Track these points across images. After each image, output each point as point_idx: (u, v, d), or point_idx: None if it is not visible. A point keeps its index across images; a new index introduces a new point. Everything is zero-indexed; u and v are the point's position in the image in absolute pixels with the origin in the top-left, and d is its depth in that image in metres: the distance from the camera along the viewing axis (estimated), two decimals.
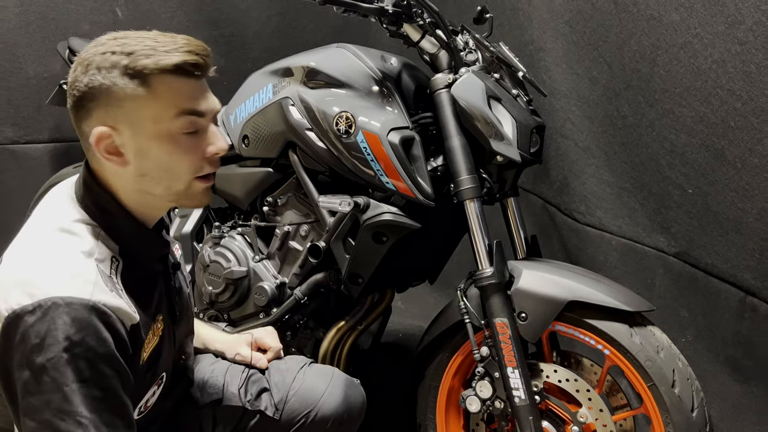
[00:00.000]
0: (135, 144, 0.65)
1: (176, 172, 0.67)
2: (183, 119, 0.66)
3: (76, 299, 0.59)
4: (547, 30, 1.35)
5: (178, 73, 0.64)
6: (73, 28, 1.84)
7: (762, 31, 0.90)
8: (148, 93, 0.64)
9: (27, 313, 0.58)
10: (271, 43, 2.01)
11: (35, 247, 0.65)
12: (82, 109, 0.65)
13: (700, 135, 1.04)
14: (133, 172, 0.67)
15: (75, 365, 0.58)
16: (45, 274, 0.61)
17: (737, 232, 1.00)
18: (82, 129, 0.67)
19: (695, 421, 0.88)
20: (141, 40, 0.65)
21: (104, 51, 0.64)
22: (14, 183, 1.90)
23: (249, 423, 0.88)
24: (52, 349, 0.57)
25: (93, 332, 0.59)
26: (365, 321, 1.21)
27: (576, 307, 0.93)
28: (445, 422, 1.09)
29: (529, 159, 1.00)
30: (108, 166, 0.67)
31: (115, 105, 0.64)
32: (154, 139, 0.65)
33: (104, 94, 0.64)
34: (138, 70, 0.63)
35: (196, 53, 0.66)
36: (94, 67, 0.63)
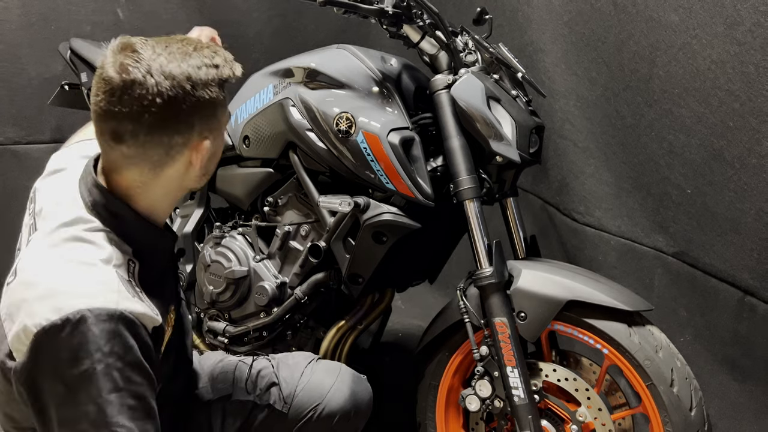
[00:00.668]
0: (213, 147, 0.72)
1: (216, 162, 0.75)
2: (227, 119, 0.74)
3: (103, 310, 0.60)
4: (546, 31, 1.36)
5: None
6: (75, 29, 1.85)
7: (760, 32, 0.91)
8: (224, 99, 0.72)
9: (56, 328, 0.59)
10: (271, 44, 2.02)
11: (52, 258, 0.65)
12: (184, 122, 0.67)
13: (699, 135, 1.04)
14: (196, 174, 0.73)
15: (108, 376, 0.59)
16: (69, 287, 0.62)
17: (736, 232, 1.00)
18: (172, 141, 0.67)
19: (694, 420, 0.88)
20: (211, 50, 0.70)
21: (199, 65, 0.67)
22: (16, 183, 1.91)
23: (258, 417, 0.89)
24: (85, 362, 0.58)
25: (121, 342, 0.60)
26: (365, 320, 1.21)
27: (575, 306, 0.93)
28: (444, 421, 1.10)
29: (529, 159, 1.01)
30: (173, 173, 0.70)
31: (213, 115, 0.70)
32: (220, 138, 0.74)
33: (209, 105, 0.69)
34: (224, 79, 0.70)
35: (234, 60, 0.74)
36: (198, 79, 0.67)
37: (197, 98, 0.67)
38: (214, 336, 1.25)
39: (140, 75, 0.64)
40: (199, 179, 0.73)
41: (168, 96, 0.65)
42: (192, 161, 0.70)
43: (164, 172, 0.70)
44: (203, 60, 0.68)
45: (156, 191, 0.71)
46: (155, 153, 0.68)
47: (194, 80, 0.66)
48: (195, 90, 0.66)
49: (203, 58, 0.68)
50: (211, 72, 0.68)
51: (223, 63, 0.70)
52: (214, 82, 0.68)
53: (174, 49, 0.67)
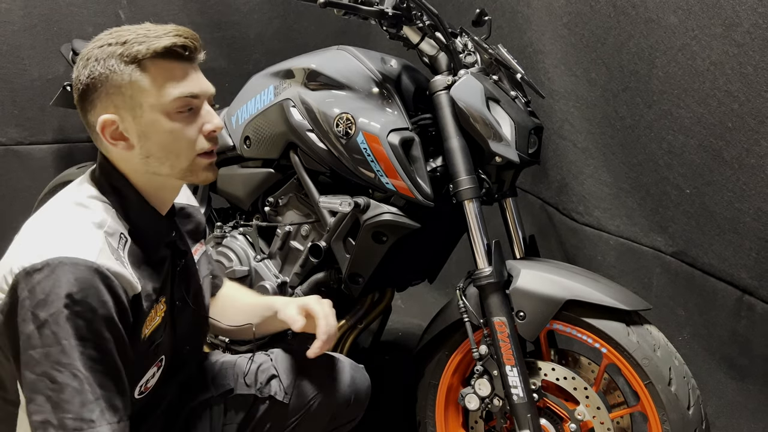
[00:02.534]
0: (137, 127, 0.70)
1: (177, 150, 0.72)
2: (179, 100, 0.70)
3: (81, 260, 0.62)
4: (545, 32, 1.36)
5: (170, 56, 0.69)
6: (77, 31, 1.86)
7: (759, 33, 0.91)
8: (144, 77, 0.68)
9: (36, 271, 0.61)
10: (272, 46, 2.02)
11: (50, 216, 0.69)
12: (87, 102, 0.70)
13: (698, 136, 1.04)
14: (138, 155, 0.71)
15: (74, 322, 0.60)
16: (55, 238, 0.65)
17: (734, 231, 1.00)
18: (89, 121, 0.71)
19: (691, 419, 0.89)
20: (134, 31, 0.70)
21: (101, 44, 0.69)
22: (18, 184, 1.92)
23: (260, 408, 0.90)
24: (54, 304, 0.60)
25: (95, 293, 0.61)
26: (365, 320, 1.22)
27: (574, 306, 0.94)
28: (444, 420, 1.10)
29: (528, 160, 1.01)
30: (115, 152, 0.71)
31: (115, 92, 0.69)
32: (153, 121, 0.70)
33: (104, 82, 0.68)
34: (133, 56, 0.68)
35: (185, 36, 0.71)
36: (93, 59, 0.68)
37: (89, 75, 0.68)
38: (215, 335, 1.26)
39: None
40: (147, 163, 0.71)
41: (75, 76, 0.70)
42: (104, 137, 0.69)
43: (110, 152, 0.72)
44: (112, 39, 0.69)
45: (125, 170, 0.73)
46: (89, 130, 0.72)
47: (89, 58, 0.68)
48: (86, 67, 0.68)
49: (116, 37, 0.69)
50: (111, 49, 0.68)
51: (138, 39, 0.68)
52: (112, 58, 0.67)
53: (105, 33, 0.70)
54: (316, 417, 0.91)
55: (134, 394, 0.74)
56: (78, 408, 0.60)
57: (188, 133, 0.71)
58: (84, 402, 0.60)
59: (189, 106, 0.71)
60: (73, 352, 0.60)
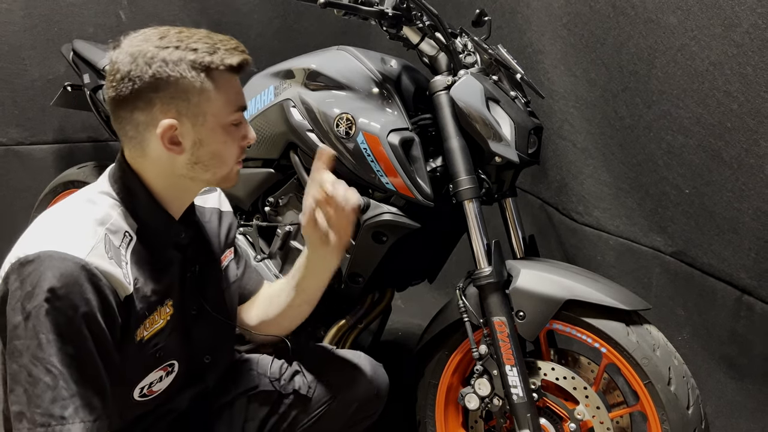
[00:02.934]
0: (194, 135, 0.71)
1: (225, 159, 0.74)
2: (236, 114, 0.73)
3: (69, 256, 0.62)
4: (545, 33, 1.36)
5: (234, 71, 0.71)
6: (78, 31, 1.86)
7: (758, 33, 0.91)
8: (212, 88, 0.69)
9: (28, 262, 0.62)
10: (272, 46, 2.03)
11: (58, 209, 0.71)
12: (142, 99, 0.68)
13: (697, 136, 1.05)
14: (186, 160, 0.72)
15: (53, 317, 0.60)
16: (52, 232, 0.65)
17: (733, 231, 1.00)
18: (134, 118, 0.70)
19: (691, 419, 0.89)
20: (197, 37, 0.70)
21: (166, 45, 0.67)
22: (19, 184, 1.92)
23: (283, 403, 0.91)
24: (38, 297, 0.60)
25: (78, 290, 0.61)
26: (366, 319, 1.22)
27: (573, 305, 0.94)
28: (444, 419, 1.10)
29: (527, 160, 1.01)
30: (155, 154, 0.71)
31: (181, 97, 0.68)
32: (212, 130, 0.71)
33: (172, 85, 0.68)
34: (205, 65, 0.68)
35: (246, 54, 0.73)
36: (159, 59, 0.67)
37: (153, 75, 0.67)
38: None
39: (114, 55, 0.69)
40: (192, 169, 0.72)
41: (126, 71, 0.67)
42: (161, 141, 0.69)
43: (146, 152, 0.71)
44: (177, 42, 0.68)
45: (149, 172, 0.73)
46: (128, 128, 0.71)
47: (153, 57, 0.67)
48: (150, 66, 0.67)
49: (180, 41, 0.68)
50: (181, 54, 0.67)
51: (208, 49, 0.68)
52: (183, 62, 0.67)
53: (159, 33, 0.69)
54: (338, 411, 0.92)
55: (133, 396, 0.73)
56: (48, 404, 0.60)
57: (235, 144, 0.74)
58: (55, 398, 0.60)
59: (239, 120, 0.74)
60: (49, 348, 0.60)
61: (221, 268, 0.86)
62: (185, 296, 0.79)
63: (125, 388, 0.72)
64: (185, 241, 0.78)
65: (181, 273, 0.78)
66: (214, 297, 0.84)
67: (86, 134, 1.95)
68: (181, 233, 0.77)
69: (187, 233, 0.78)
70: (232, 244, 0.92)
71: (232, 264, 0.90)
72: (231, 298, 0.88)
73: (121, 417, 0.74)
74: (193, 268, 0.80)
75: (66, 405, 0.60)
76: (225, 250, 0.89)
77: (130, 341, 0.69)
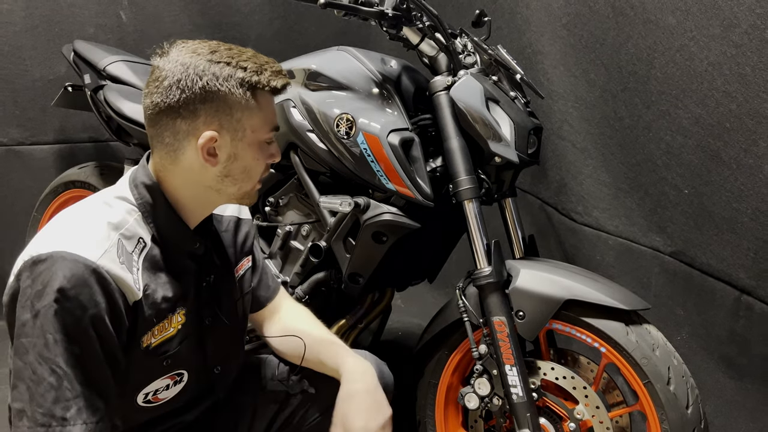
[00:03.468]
0: (231, 149, 0.72)
1: (252, 175, 0.76)
2: (271, 133, 0.76)
3: (81, 258, 0.63)
4: (545, 33, 1.37)
5: (276, 92, 0.74)
6: (78, 32, 1.86)
7: (757, 34, 0.91)
8: (255, 106, 0.72)
9: (40, 261, 0.63)
10: (272, 46, 2.03)
11: (75, 210, 0.71)
12: (188, 109, 0.70)
13: (696, 136, 1.05)
14: (216, 173, 0.73)
15: (62, 317, 0.61)
16: (66, 232, 0.66)
17: (732, 231, 1.01)
18: (176, 125, 0.71)
19: (690, 418, 0.89)
20: (248, 56, 0.72)
21: (218, 60, 0.70)
22: (20, 184, 1.92)
23: (291, 403, 0.91)
24: (47, 297, 0.61)
25: (87, 292, 0.62)
26: (366, 319, 1.23)
27: (573, 305, 0.94)
28: (444, 419, 1.11)
29: (527, 160, 1.02)
30: (187, 164, 0.72)
31: (226, 111, 0.71)
32: (249, 145, 0.73)
33: (217, 99, 0.70)
34: (252, 84, 0.71)
35: (286, 75, 0.76)
36: (211, 73, 0.69)
37: (203, 87, 0.68)
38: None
39: (161, 62, 0.71)
40: (221, 181, 0.73)
41: (175, 79, 0.69)
42: (200, 152, 0.70)
43: (179, 160, 0.72)
44: (228, 59, 0.70)
45: (176, 180, 0.74)
46: (166, 134, 0.72)
47: (204, 70, 0.69)
48: (201, 78, 0.69)
49: (231, 58, 0.70)
50: (231, 70, 0.69)
51: (256, 69, 0.71)
52: (232, 79, 0.69)
53: (210, 48, 0.71)
54: None
55: (136, 400, 0.74)
56: (50, 404, 0.60)
57: (264, 162, 0.76)
58: (58, 399, 0.60)
59: (272, 139, 0.76)
60: (56, 348, 0.61)
61: (236, 278, 0.86)
62: (200, 306, 0.79)
63: (128, 392, 0.72)
64: (200, 251, 0.78)
65: (196, 282, 0.78)
66: (228, 307, 0.84)
67: (87, 134, 1.96)
68: (196, 243, 0.77)
69: (202, 243, 0.78)
70: (250, 252, 0.92)
71: (248, 273, 0.90)
72: (245, 307, 0.89)
73: (124, 421, 0.74)
74: (207, 278, 0.80)
75: (69, 406, 0.61)
76: (242, 259, 0.89)
77: (135, 346, 0.69)
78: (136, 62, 1.56)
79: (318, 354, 0.87)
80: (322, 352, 0.87)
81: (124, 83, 1.49)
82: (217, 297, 0.81)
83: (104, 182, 1.60)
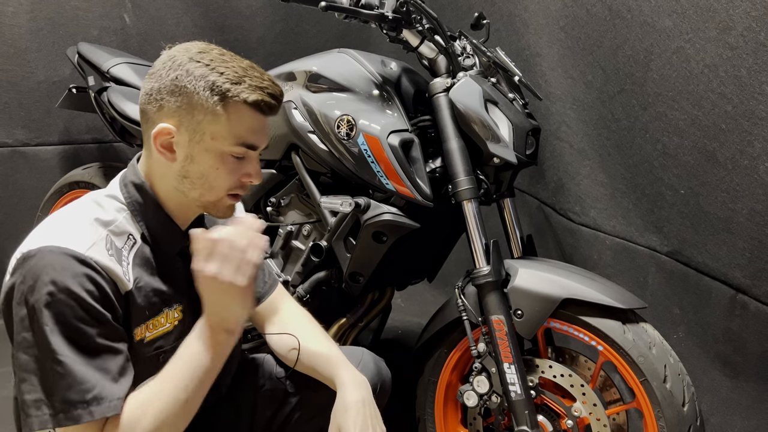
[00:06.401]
0: (188, 148, 0.71)
1: (213, 185, 0.73)
2: (239, 147, 0.72)
3: (70, 251, 0.64)
4: (543, 35, 1.38)
5: (252, 106, 0.70)
6: (82, 34, 1.88)
7: (752, 36, 0.92)
8: (222, 114, 0.69)
9: (30, 257, 0.64)
10: (274, 48, 2.05)
11: (65, 211, 0.72)
12: (156, 99, 0.71)
13: (692, 137, 1.06)
14: (176, 171, 0.73)
15: (56, 308, 0.62)
16: (55, 229, 0.67)
17: (728, 231, 1.01)
18: (146, 112, 0.72)
19: (686, 416, 0.90)
20: (234, 65, 0.70)
21: (199, 60, 0.69)
22: (25, 184, 1.94)
23: (289, 401, 0.92)
24: (40, 290, 0.62)
25: (77, 281, 0.63)
26: (366, 318, 1.24)
27: (570, 304, 0.95)
28: (443, 416, 1.11)
29: (525, 161, 1.03)
30: (155, 158, 0.73)
31: (188, 110, 0.69)
32: (206, 151, 0.71)
33: (183, 95, 0.69)
34: (222, 92, 0.69)
35: (275, 97, 0.72)
36: (185, 69, 0.69)
37: (173, 80, 0.69)
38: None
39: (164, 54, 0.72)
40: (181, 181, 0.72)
41: (156, 69, 0.71)
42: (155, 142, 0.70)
43: (151, 150, 0.73)
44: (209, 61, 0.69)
45: (155, 174, 0.74)
46: (142, 120, 0.73)
47: (180, 65, 0.69)
48: (173, 71, 0.69)
49: (212, 61, 0.69)
50: (205, 71, 0.68)
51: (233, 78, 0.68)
52: (203, 80, 0.68)
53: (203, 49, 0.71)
54: None
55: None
56: (64, 391, 0.61)
57: (229, 176, 0.73)
58: (71, 384, 0.62)
59: (243, 155, 0.73)
60: (54, 337, 0.62)
61: None
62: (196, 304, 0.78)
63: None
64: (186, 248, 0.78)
65: (189, 281, 0.78)
66: None
67: (91, 135, 1.98)
68: (186, 242, 0.77)
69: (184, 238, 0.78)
70: None
71: None
72: None
73: None
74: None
75: (86, 389, 0.62)
76: None
77: (130, 338, 0.70)
78: (139, 64, 1.57)
79: (314, 365, 0.87)
80: (318, 364, 0.86)
81: (128, 85, 1.51)
82: None
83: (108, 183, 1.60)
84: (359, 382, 0.82)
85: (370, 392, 0.82)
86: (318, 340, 0.89)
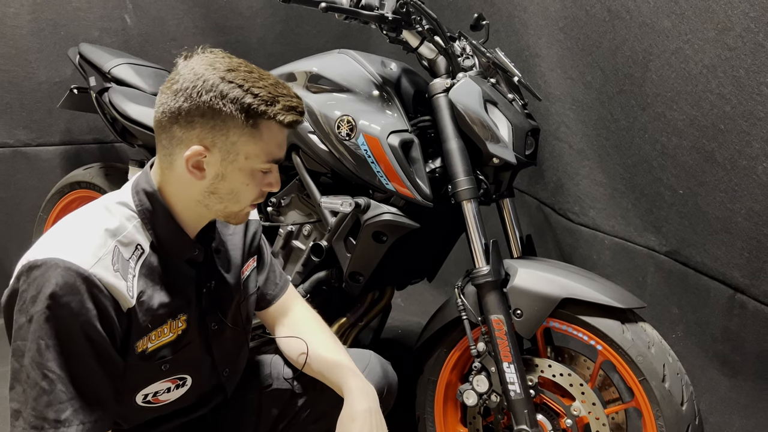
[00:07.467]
0: (220, 168, 0.71)
1: (241, 198, 0.74)
2: (269, 165, 0.73)
3: (74, 266, 0.64)
4: (542, 36, 1.38)
5: (283, 126, 0.71)
6: (84, 35, 1.88)
7: (750, 37, 0.93)
8: (255, 134, 0.70)
9: (36, 267, 0.64)
10: (274, 49, 2.05)
11: (75, 218, 0.72)
12: (185, 118, 0.69)
13: (691, 137, 1.06)
14: (203, 187, 0.72)
15: (53, 324, 0.63)
16: (63, 239, 0.67)
17: (726, 231, 1.02)
18: (173, 130, 0.71)
19: (685, 415, 0.90)
20: (264, 84, 0.70)
21: (231, 80, 0.68)
22: (26, 184, 1.94)
23: (297, 402, 0.92)
24: (40, 303, 0.63)
25: (78, 299, 0.64)
26: (366, 317, 1.24)
27: (570, 304, 0.95)
28: (443, 416, 1.12)
29: (525, 161, 1.03)
30: (179, 173, 0.72)
31: (221, 131, 0.69)
32: (239, 170, 0.72)
33: (217, 117, 0.69)
34: (258, 113, 0.69)
35: (303, 113, 0.73)
36: (219, 91, 0.68)
37: (206, 102, 0.68)
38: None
39: (181, 65, 0.71)
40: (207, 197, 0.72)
41: (184, 86, 0.69)
42: (184, 162, 0.70)
43: (173, 167, 0.72)
44: (242, 81, 0.68)
45: (172, 187, 0.74)
46: (164, 138, 0.72)
47: (213, 86, 0.68)
48: (207, 93, 0.67)
49: (245, 81, 0.68)
50: (240, 93, 0.67)
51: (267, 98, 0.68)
52: (238, 102, 0.67)
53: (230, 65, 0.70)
54: None
55: (135, 400, 0.74)
56: (42, 407, 0.62)
57: (256, 189, 0.74)
58: (50, 402, 0.62)
59: (270, 170, 0.74)
60: (48, 353, 0.62)
61: (241, 281, 0.86)
62: (202, 312, 0.79)
63: (126, 393, 0.73)
64: (200, 258, 0.79)
65: (197, 289, 0.79)
66: (232, 311, 0.84)
67: (92, 136, 1.98)
68: (195, 250, 0.77)
69: (201, 250, 0.78)
70: (257, 252, 0.92)
71: (253, 274, 0.90)
72: (249, 308, 0.89)
73: (126, 419, 0.76)
74: (208, 284, 0.80)
75: (63, 408, 0.62)
76: (248, 259, 0.88)
77: (130, 351, 0.71)
78: (140, 65, 1.58)
79: (323, 371, 0.87)
80: (327, 370, 0.86)
81: (129, 86, 1.51)
82: (219, 302, 0.81)
83: (109, 183, 1.62)
84: (367, 391, 0.82)
85: (377, 401, 0.82)
86: (327, 345, 0.89)
